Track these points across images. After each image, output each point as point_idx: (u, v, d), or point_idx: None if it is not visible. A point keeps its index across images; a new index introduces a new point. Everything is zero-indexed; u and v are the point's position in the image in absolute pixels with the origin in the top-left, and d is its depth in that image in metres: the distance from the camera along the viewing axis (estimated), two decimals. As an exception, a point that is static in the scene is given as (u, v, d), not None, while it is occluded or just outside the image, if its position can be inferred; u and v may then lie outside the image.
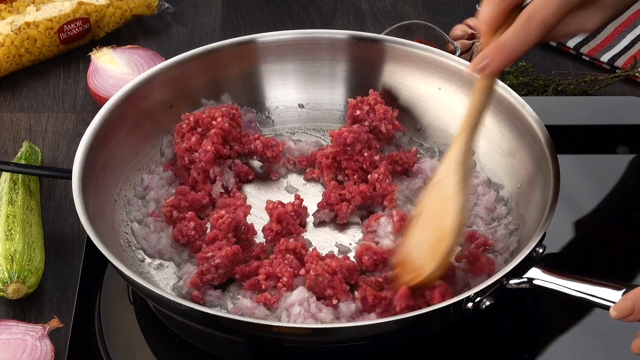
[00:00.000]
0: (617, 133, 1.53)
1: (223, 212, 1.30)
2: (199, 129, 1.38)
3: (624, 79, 1.65)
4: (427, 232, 1.21)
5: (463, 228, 1.20)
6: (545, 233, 1.20)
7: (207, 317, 1.15)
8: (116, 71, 1.60)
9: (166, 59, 1.45)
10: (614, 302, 1.14)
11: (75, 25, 1.68)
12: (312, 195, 1.39)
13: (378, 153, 1.39)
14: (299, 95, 1.49)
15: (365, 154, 1.37)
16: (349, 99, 1.44)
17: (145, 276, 1.29)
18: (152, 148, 1.42)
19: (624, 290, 1.14)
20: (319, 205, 1.36)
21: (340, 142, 1.37)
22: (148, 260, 1.31)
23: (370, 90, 1.44)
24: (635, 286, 1.15)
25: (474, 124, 1.20)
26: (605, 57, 1.67)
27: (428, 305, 1.17)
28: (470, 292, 1.15)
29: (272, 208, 1.32)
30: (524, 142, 1.35)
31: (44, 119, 1.60)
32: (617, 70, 1.66)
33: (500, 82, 1.38)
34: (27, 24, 1.64)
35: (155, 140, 1.42)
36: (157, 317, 1.27)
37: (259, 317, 1.22)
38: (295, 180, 1.42)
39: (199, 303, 1.23)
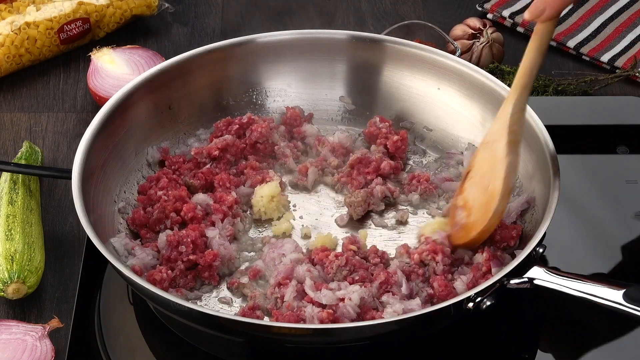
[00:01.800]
0: (617, 133, 1.53)
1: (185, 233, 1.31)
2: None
3: (624, 79, 1.65)
4: (476, 191, 1.25)
5: (511, 191, 1.24)
6: (545, 233, 1.20)
7: (206, 318, 1.15)
8: (116, 71, 1.59)
9: (166, 59, 1.45)
10: (614, 302, 1.14)
11: (75, 25, 1.68)
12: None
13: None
14: (299, 96, 1.49)
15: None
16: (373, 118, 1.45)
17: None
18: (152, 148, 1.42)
19: (624, 290, 1.14)
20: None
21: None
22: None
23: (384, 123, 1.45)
24: (636, 286, 1.15)
25: (526, 83, 1.23)
26: (605, 57, 1.67)
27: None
28: (471, 292, 1.15)
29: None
30: (524, 142, 1.34)
31: (44, 119, 1.60)
32: (617, 70, 1.66)
33: (500, 83, 1.38)
34: (27, 24, 1.64)
35: (155, 140, 1.42)
36: (157, 318, 1.27)
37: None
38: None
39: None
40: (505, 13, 1.74)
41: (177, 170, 1.40)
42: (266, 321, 1.22)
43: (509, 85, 1.40)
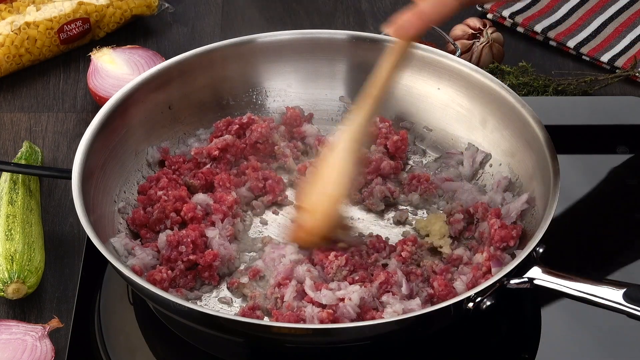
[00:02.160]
0: (617, 133, 1.53)
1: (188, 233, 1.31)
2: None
3: (624, 79, 1.65)
4: (318, 196, 1.28)
5: (342, 198, 1.29)
6: (545, 233, 1.20)
7: (206, 318, 1.15)
8: (116, 71, 1.59)
9: (166, 59, 1.45)
10: (614, 302, 1.14)
11: (75, 25, 1.68)
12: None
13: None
14: (299, 96, 1.49)
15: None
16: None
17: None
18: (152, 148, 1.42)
19: (624, 290, 1.14)
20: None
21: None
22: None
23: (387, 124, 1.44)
24: (636, 286, 1.15)
25: (380, 95, 1.26)
26: (605, 57, 1.67)
27: None
28: (471, 292, 1.15)
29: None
30: (523, 142, 1.35)
31: (44, 119, 1.60)
32: (617, 70, 1.66)
33: (500, 83, 1.38)
34: (27, 24, 1.64)
35: (155, 140, 1.42)
36: (157, 318, 1.27)
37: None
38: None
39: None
40: (505, 13, 1.74)
41: (177, 170, 1.40)
42: (266, 321, 1.22)
43: (509, 86, 1.41)
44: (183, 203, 1.34)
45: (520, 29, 1.74)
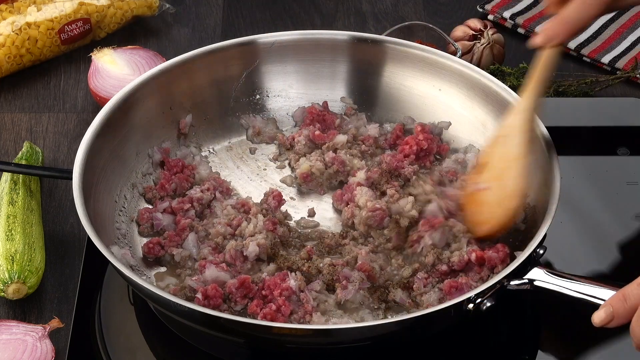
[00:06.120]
0: (618, 134, 1.53)
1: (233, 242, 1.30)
2: None
3: (624, 80, 1.65)
4: (492, 189, 1.26)
5: (526, 192, 1.25)
6: (546, 234, 1.20)
7: (207, 318, 1.15)
8: (117, 72, 1.60)
9: (167, 60, 1.45)
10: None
11: (76, 25, 1.68)
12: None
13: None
14: (300, 96, 1.49)
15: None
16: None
17: (143, 276, 1.29)
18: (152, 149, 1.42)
19: (624, 291, 1.14)
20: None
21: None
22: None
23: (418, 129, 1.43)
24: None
25: (541, 83, 1.25)
26: (606, 59, 1.67)
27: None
28: (471, 293, 1.15)
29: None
30: (524, 143, 1.35)
31: (45, 119, 1.60)
32: (617, 72, 1.66)
33: (501, 84, 1.38)
34: (28, 25, 1.64)
35: (156, 141, 1.42)
36: (157, 318, 1.27)
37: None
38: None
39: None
40: (506, 14, 1.74)
41: (175, 174, 1.39)
42: (266, 321, 1.22)
43: (510, 87, 1.41)
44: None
45: (521, 30, 1.74)
